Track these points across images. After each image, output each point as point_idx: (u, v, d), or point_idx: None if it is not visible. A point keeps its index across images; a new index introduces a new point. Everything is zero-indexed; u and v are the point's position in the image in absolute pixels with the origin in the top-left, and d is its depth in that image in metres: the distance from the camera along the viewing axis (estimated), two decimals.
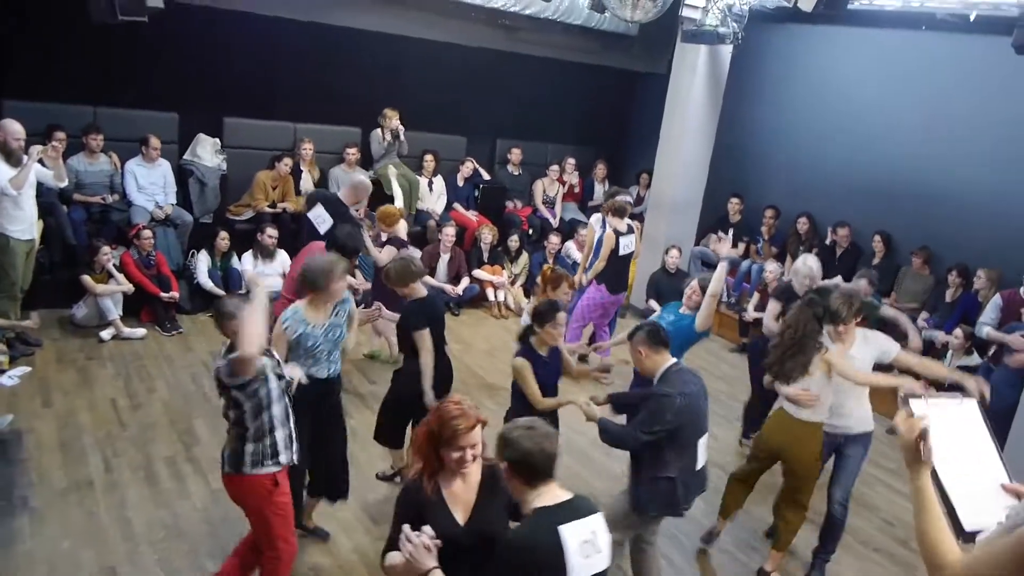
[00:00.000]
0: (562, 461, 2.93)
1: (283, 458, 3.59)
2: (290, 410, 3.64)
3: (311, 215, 6.35)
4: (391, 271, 4.80)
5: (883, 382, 4.58)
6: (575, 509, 2.53)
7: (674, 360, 3.95)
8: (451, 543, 2.55)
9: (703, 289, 5.17)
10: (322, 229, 6.20)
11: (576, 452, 5.80)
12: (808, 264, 5.78)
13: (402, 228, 7.13)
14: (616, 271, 7.32)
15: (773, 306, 5.91)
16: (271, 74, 8.79)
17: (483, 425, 2.72)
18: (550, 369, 4.34)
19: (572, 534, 2.46)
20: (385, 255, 6.50)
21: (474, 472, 2.76)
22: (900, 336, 7.44)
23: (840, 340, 4.56)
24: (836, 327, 4.50)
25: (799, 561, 4.93)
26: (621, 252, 7.26)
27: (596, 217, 7.63)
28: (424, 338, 4.64)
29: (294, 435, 3.65)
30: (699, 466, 3.94)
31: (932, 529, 1.95)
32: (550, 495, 2.54)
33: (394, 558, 2.60)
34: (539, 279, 5.57)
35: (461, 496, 2.73)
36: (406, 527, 2.52)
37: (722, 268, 5.16)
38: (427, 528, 2.52)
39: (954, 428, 2.12)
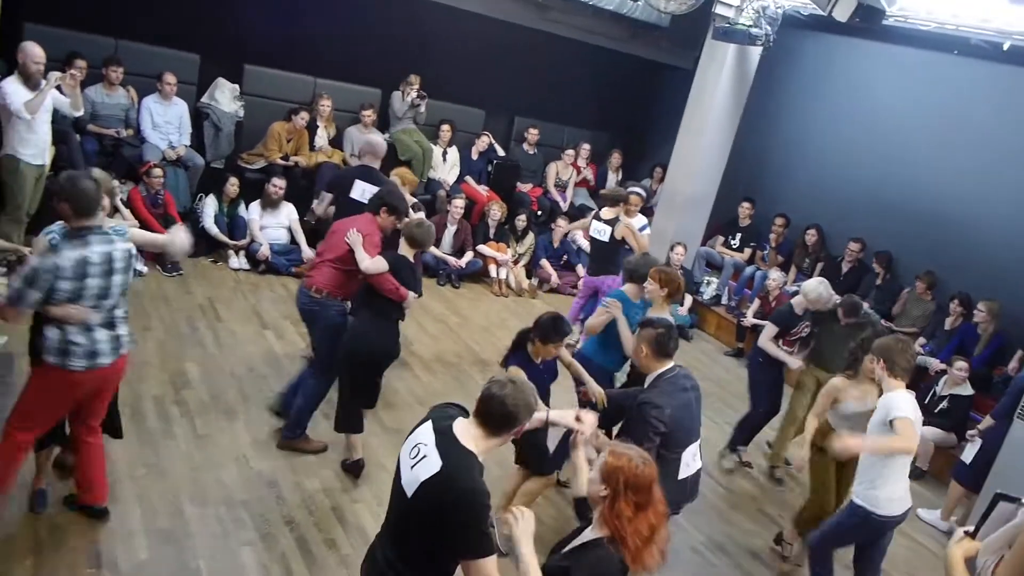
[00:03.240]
0: None
1: None
2: None
3: (354, 195, 5.89)
4: (417, 229, 4.80)
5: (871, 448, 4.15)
6: (443, 429, 2.57)
7: (670, 365, 3.84)
8: None
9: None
10: (367, 199, 5.77)
11: None
12: (819, 289, 5.81)
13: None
14: (590, 253, 7.59)
15: (771, 329, 5.96)
16: (296, 26, 8.71)
17: None
18: (543, 375, 4.27)
19: (424, 430, 2.59)
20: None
21: None
22: None
23: (871, 384, 4.44)
24: (885, 371, 4.15)
25: None
26: (591, 233, 7.35)
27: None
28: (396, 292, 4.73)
29: None
30: (682, 475, 3.80)
31: None
32: (468, 421, 2.61)
33: None
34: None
35: None
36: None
37: None
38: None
39: None
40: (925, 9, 7.60)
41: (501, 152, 10.25)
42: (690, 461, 3.82)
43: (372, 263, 4.72)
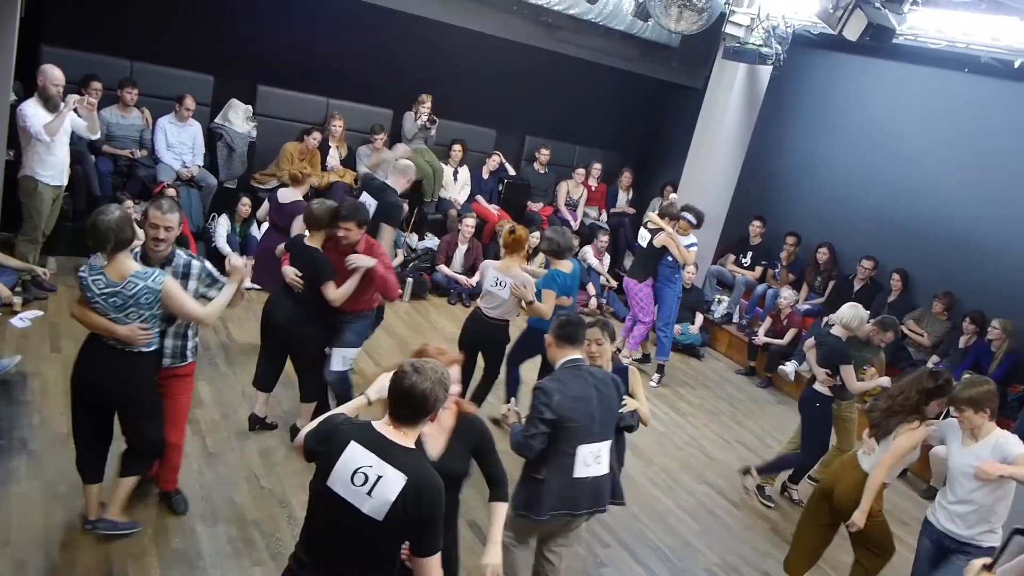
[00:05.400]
0: None
1: None
2: None
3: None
4: (308, 208, 5.10)
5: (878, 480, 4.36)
6: (375, 443, 2.54)
7: (573, 357, 3.76)
8: None
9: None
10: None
11: None
12: (856, 313, 5.70)
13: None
14: (635, 258, 8.03)
15: (848, 371, 5.69)
16: (309, 47, 8.80)
17: (460, 365, 3.13)
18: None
19: (355, 454, 2.51)
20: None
21: (447, 417, 3.12)
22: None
23: (971, 435, 4.11)
24: (967, 413, 4.08)
25: None
26: (638, 239, 7.87)
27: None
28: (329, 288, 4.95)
29: None
30: (579, 474, 3.67)
31: None
32: (384, 423, 2.59)
33: None
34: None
35: (433, 436, 3.06)
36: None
37: None
38: None
39: None
40: (935, 27, 7.59)
41: (512, 171, 10.29)
42: (590, 461, 3.71)
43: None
